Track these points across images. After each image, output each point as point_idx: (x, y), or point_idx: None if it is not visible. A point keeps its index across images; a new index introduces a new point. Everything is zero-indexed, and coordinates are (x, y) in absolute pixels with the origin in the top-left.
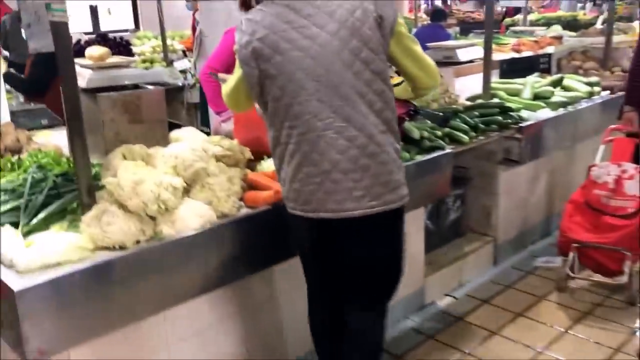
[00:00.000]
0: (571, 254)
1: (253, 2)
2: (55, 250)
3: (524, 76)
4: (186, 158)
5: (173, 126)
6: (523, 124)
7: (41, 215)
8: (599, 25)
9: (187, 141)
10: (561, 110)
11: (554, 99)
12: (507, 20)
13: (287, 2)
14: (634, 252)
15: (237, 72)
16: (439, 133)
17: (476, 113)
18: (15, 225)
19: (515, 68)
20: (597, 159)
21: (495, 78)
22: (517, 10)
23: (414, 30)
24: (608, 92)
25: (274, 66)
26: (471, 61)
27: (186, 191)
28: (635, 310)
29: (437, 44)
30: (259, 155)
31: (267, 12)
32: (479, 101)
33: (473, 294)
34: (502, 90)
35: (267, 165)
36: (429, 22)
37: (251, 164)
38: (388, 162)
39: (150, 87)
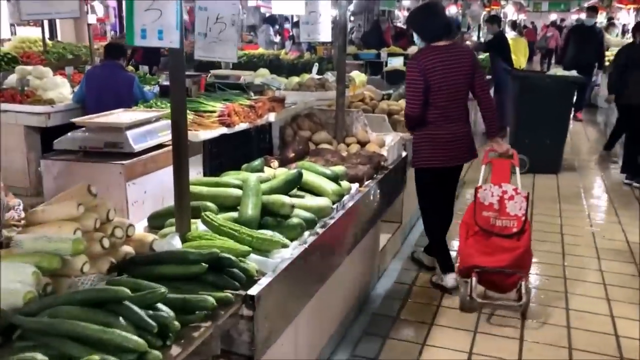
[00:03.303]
0: (473, 279)
1: None
2: None
3: (239, 164)
4: None
5: None
6: (254, 289)
7: None
8: (314, 74)
9: None
10: (307, 236)
11: (294, 218)
12: None
13: None
14: (525, 271)
15: None
16: None
17: (161, 290)
18: None
19: (228, 150)
20: (480, 181)
21: (197, 169)
22: None
23: (87, 69)
24: (357, 185)
25: None
26: (159, 146)
27: None
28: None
29: (95, 119)
30: None
31: None
32: (168, 239)
33: None
34: (208, 200)
35: None
36: (104, 59)
37: None
38: None
39: None
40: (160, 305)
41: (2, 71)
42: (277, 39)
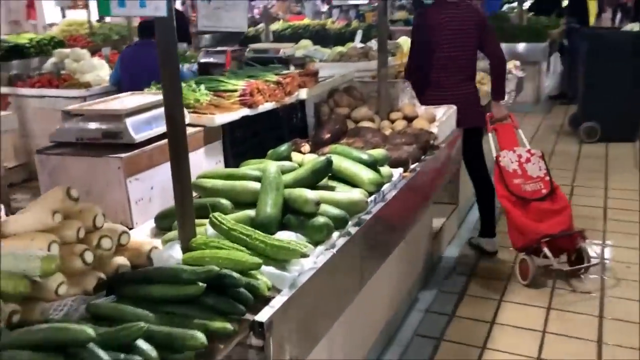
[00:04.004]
0: (545, 249)
1: None
2: None
3: (267, 150)
4: None
5: None
6: (264, 314)
7: None
8: (358, 42)
9: None
10: (336, 238)
11: (319, 217)
12: (251, 29)
13: None
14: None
15: None
16: None
17: (139, 326)
18: None
19: (253, 134)
20: (493, 150)
21: (216, 158)
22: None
23: (125, 48)
24: (401, 170)
25: None
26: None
27: None
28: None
29: (94, 105)
30: None
31: None
32: (166, 249)
33: None
34: (223, 196)
35: None
36: (139, 38)
37: None
38: None
39: None
40: (140, 343)
41: (48, 55)
42: (325, 8)
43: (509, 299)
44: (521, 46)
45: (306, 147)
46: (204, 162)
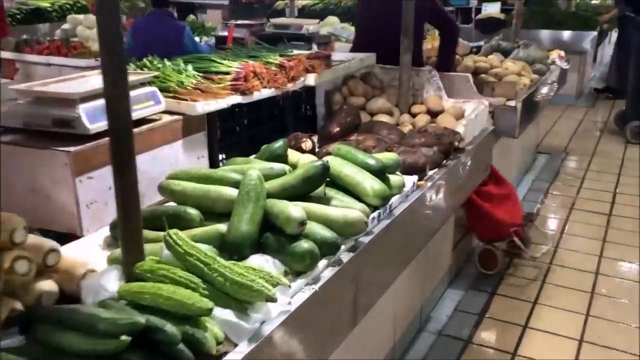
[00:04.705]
0: (516, 239)
1: None
2: None
3: (262, 145)
4: None
5: None
6: None
7: None
8: None
9: None
10: (322, 268)
11: (303, 241)
12: (280, 3)
13: None
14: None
15: None
16: None
17: None
18: None
19: (247, 126)
20: None
21: (198, 153)
22: None
23: (137, 17)
24: (415, 178)
25: None
26: (136, 123)
27: None
28: None
29: (50, 84)
30: None
31: None
32: (98, 277)
33: None
34: (192, 203)
35: None
36: (152, 6)
37: None
38: None
39: None
40: None
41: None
42: None
43: (535, 326)
44: (567, 34)
45: (308, 144)
46: (181, 156)
